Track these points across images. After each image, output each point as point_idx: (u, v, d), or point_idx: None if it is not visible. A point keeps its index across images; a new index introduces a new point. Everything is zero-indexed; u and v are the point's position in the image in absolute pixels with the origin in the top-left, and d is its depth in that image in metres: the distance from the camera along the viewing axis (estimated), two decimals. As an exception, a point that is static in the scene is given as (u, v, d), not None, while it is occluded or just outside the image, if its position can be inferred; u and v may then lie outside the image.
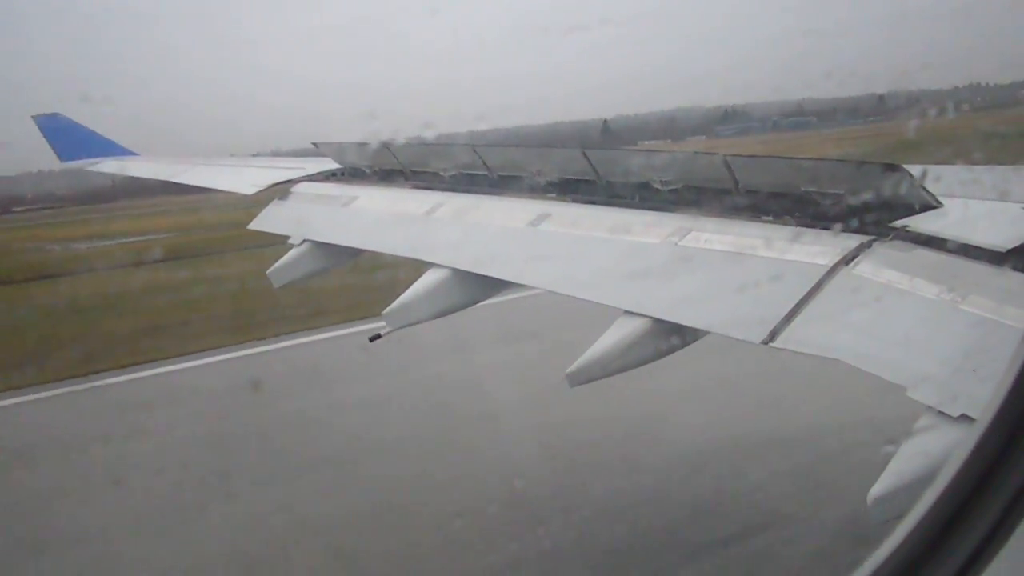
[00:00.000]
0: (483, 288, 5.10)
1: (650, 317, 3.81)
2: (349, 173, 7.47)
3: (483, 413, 9.49)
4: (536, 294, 5.02)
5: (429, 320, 5.15)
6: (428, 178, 6.56)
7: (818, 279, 3.40)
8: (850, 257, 3.46)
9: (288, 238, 6.76)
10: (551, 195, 5.47)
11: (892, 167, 3.71)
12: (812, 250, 3.63)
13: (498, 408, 9.67)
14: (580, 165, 5.24)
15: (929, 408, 2.64)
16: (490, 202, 5.78)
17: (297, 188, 7.53)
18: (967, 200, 3.74)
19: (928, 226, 3.46)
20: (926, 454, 2.50)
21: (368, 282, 9.07)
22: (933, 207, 3.59)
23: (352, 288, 11.23)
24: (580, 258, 4.80)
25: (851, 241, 3.55)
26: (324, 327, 14.38)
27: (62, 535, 7.78)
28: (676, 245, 4.20)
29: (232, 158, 9.98)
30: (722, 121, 41.43)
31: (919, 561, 1.33)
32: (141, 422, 10.75)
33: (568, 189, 5.40)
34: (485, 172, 6.02)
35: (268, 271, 6.60)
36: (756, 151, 4.97)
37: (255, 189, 7.73)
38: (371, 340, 5.27)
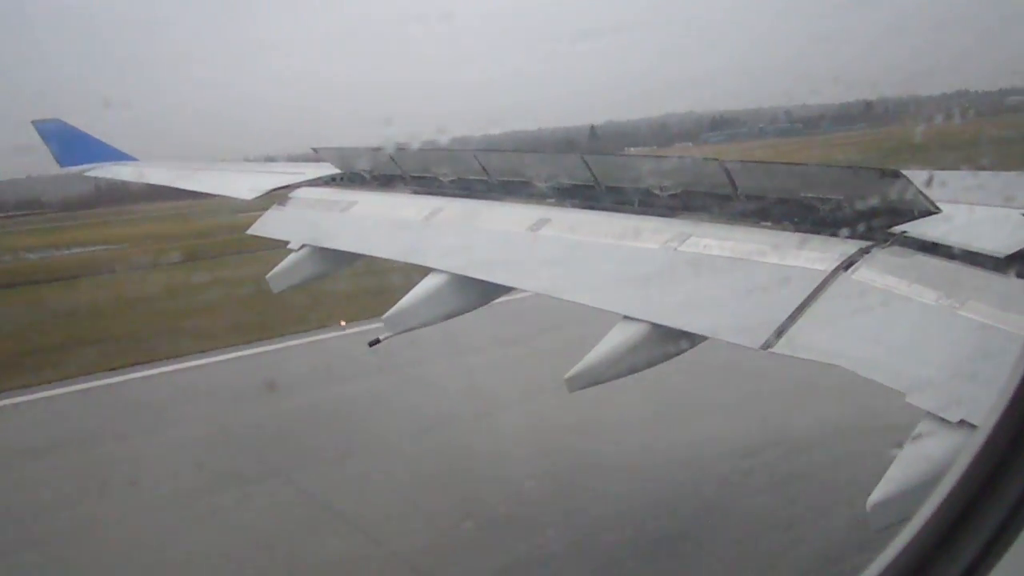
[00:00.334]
0: (482, 293, 5.10)
1: (649, 322, 3.81)
2: (348, 178, 7.47)
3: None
4: (535, 299, 5.01)
5: (428, 325, 5.14)
6: (427, 183, 6.57)
7: (817, 284, 3.40)
8: (849, 263, 3.46)
9: (287, 243, 6.76)
10: (550, 200, 5.47)
11: (891, 173, 3.71)
12: (811, 256, 3.63)
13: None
14: (579, 170, 5.24)
15: (928, 414, 2.64)
16: (489, 207, 5.78)
17: (296, 193, 7.52)
18: (966, 205, 3.74)
19: (927, 232, 3.46)
20: (925, 460, 2.49)
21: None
22: (932, 213, 3.59)
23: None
24: (579, 263, 4.79)
25: (850, 247, 3.55)
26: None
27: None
28: (675, 250, 4.20)
29: (226, 163, 9.98)
30: (710, 128, 41.67)
31: (922, 566, 1.32)
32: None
33: (567, 194, 5.40)
34: (484, 177, 6.02)
35: (267, 276, 6.59)
36: (743, 158, 4.97)
37: (254, 194, 7.72)
38: (370, 345, 5.26)
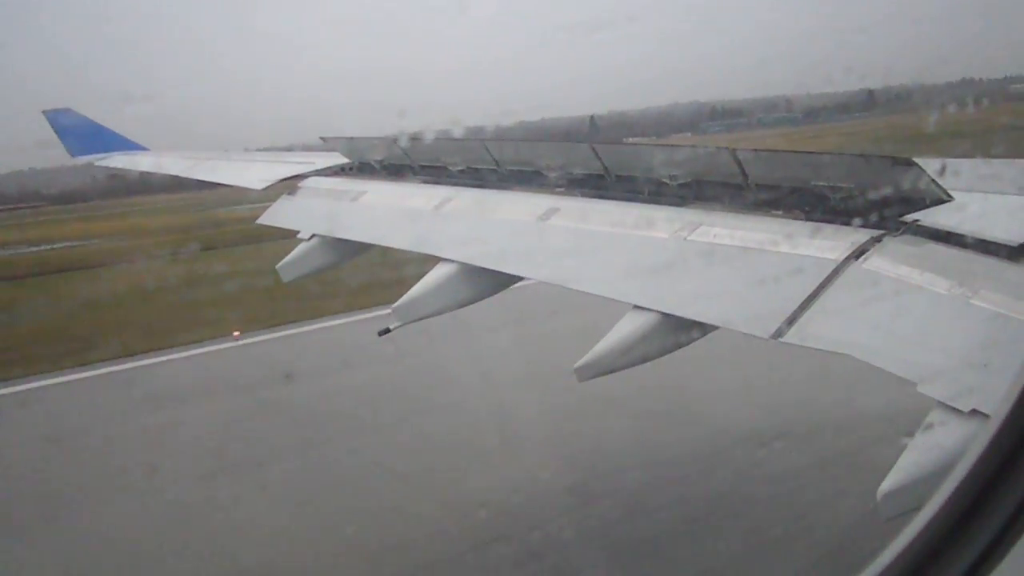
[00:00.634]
0: (492, 283, 5.10)
1: (659, 312, 3.80)
2: (358, 168, 7.48)
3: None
4: (545, 288, 5.01)
5: (438, 315, 5.16)
6: (437, 173, 6.56)
7: (828, 274, 3.39)
8: (860, 252, 3.44)
9: (297, 233, 6.79)
10: (560, 189, 5.46)
11: (903, 161, 3.68)
12: (822, 245, 3.61)
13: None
14: (589, 159, 5.22)
15: (940, 403, 2.63)
16: (499, 196, 5.78)
17: (306, 183, 7.54)
18: (979, 194, 3.71)
19: (939, 220, 3.43)
20: (936, 450, 2.49)
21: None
22: (944, 201, 3.56)
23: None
24: (589, 253, 4.79)
25: (861, 236, 3.53)
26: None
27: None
28: (686, 240, 4.18)
29: (235, 153, 10.00)
30: (710, 118, 41.39)
31: (931, 556, 1.32)
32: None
33: (577, 183, 5.39)
34: (494, 167, 6.01)
35: (277, 266, 6.62)
36: (746, 147, 4.94)
37: (264, 184, 7.74)
38: (380, 334, 5.28)
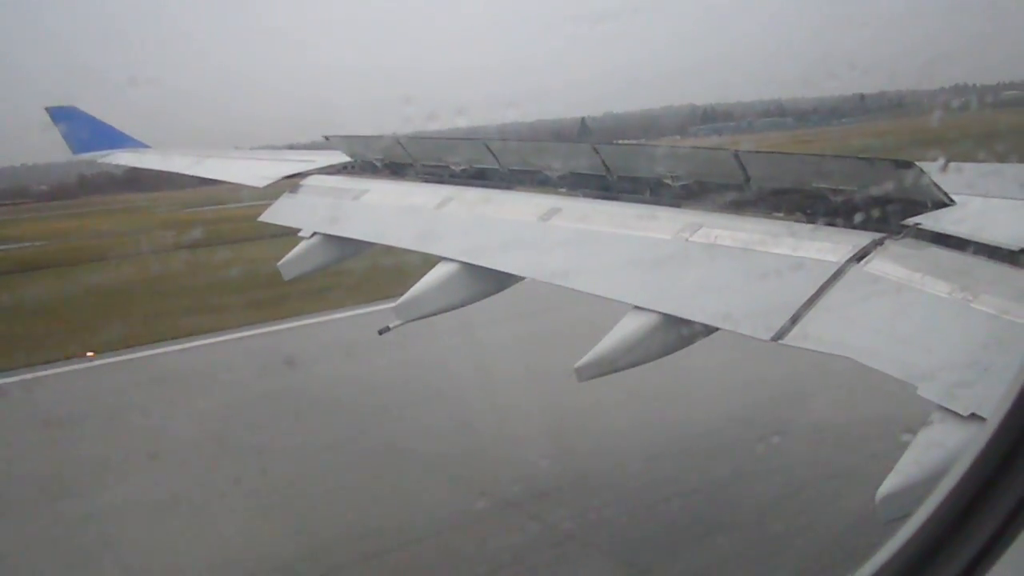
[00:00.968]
0: (493, 282, 5.10)
1: (660, 313, 3.81)
2: (360, 166, 7.49)
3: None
4: (546, 288, 5.01)
5: (438, 313, 5.16)
6: (438, 171, 6.57)
7: (829, 276, 3.39)
8: (861, 254, 3.44)
9: (299, 231, 6.80)
10: (562, 189, 5.46)
11: (905, 164, 3.68)
12: (823, 247, 3.61)
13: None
14: (591, 160, 5.22)
15: (939, 406, 2.63)
16: (500, 196, 5.79)
17: (308, 181, 7.55)
18: (980, 197, 3.71)
19: (940, 224, 3.44)
20: (935, 453, 2.49)
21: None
22: (946, 204, 3.57)
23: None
24: (590, 253, 4.79)
25: (863, 238, 3.53)
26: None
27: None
28: (687, 241, 4.19)
29: (237, 151, 10.02)
30: (701, 121, 41.32)
31: (927, 557, 1.33)
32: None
33: (578, 184, 5.39)
34: (496, 166, 6.01)
35: (278, 264, 6.63)
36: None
37: (266, 182, 7.76)
38: (380, 333, 5.29)
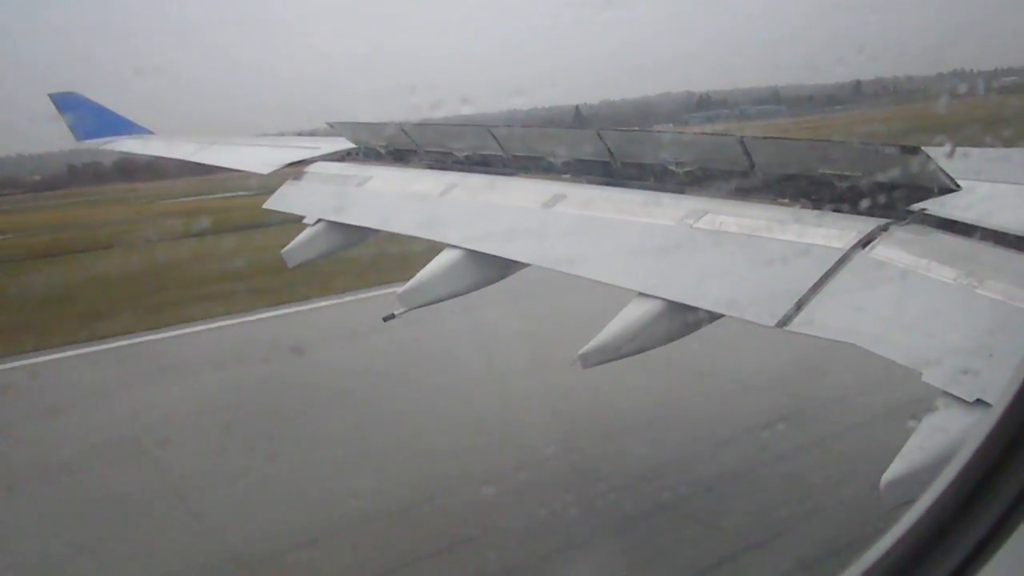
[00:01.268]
0: (497, 269, 5.10)
1: (664, 299, 3.80)
2: (363, 153, 7.48)
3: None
4: (550, 274, 5.02)
5: (443, 300, 5.17)
6: (442, 158, 6.55)
7: (834, 262, 3.38)
8: (867, 240, 3.43)
9: (302, 218, 6.80)
10: (566, 176, 5.44)
11: (911, 149, 3.66)
12: (828, 233, 3.60)
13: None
14: (595, 146, 5.20)
15: (944, 393, 2.63)
16: (504, 183, 5.77)
17: (311, 168, 7.54)
18: (987, 182, 3.69)
19: (946, 209, 3.42)
20: (940, 439, 2.49)
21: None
22: (952, 190, 3.55)
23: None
24: (594, 239, 4.78)
25: (868, 224, 3.52)
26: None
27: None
28: (691, 227, 4.17)
29: (241, 137, 10.00)
30: (697, 108, 41.08)
31: (930, 545, 1.33)
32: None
33: (583, 170, 5.38)
34: (499, 152, 6.00)
35: (282, 251, 6.64)
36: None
37: (270, 169, 7.75)
38: (384, 320, 5.30)
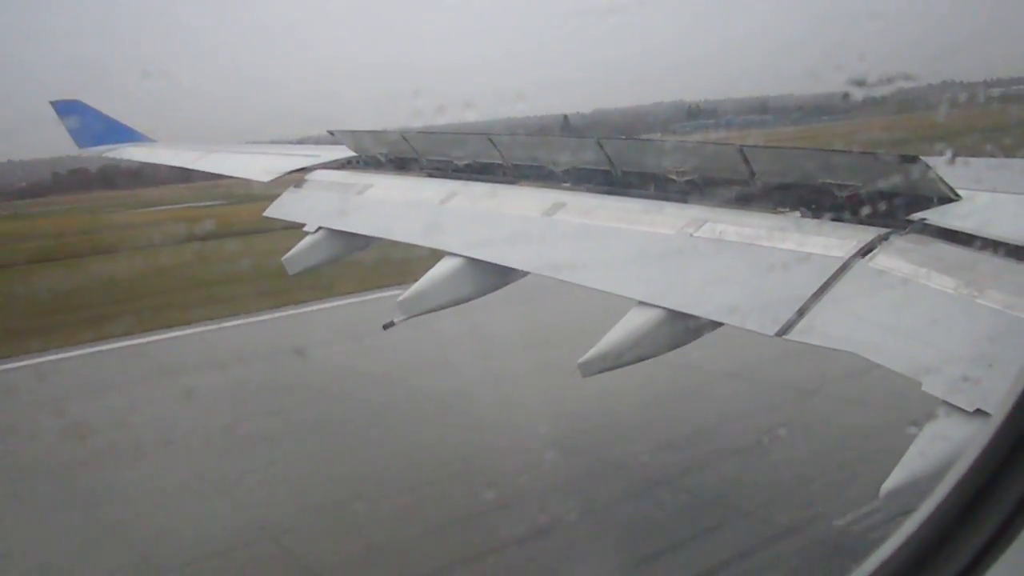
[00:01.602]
0: (497, 277, 5.11)
1: (663, 308, 3.80)
2: (364, 161, 7.49)
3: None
4: (550, 283, 5.02)
5: (442, 308, 5.17)
6: (442, 166, 6.57)
7: (834, 271, 3.38)
8: (867, 249, 3.43)
9: (303, 225, 6.81)
10: (566, 184, 5.45)
11: (910, 159, 3.67)
12: (828, 242, 3.60)
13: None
14: (595, 155, 5.22)
15: (944, 402, 2.63)
16: (505, 191, 5.78)
17: (312, 176, 7.56)
18: (986, 192, 3.70)
19: (946, 219, 3.43)
20: (940, 449, 2.49)
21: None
22: (952, 200, 3.55)
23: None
24: (594, 248, 4.79)
25: (868, 233, 3.52)
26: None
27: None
28: (691, 236, 4.18)
29: (242, 145, 10.02)
30: (687, 117, 41.39)
31: (930, 554, 1.33)
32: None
33: (583, 178, 5.39)
34: (500, 161, 6.01)
35: (283, 258, 6.64)
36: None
37: (271, 176, 7.77)
38: (384, 328, 5.30)
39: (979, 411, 2.48)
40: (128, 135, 11.47)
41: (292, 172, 7.71)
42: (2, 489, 8.47)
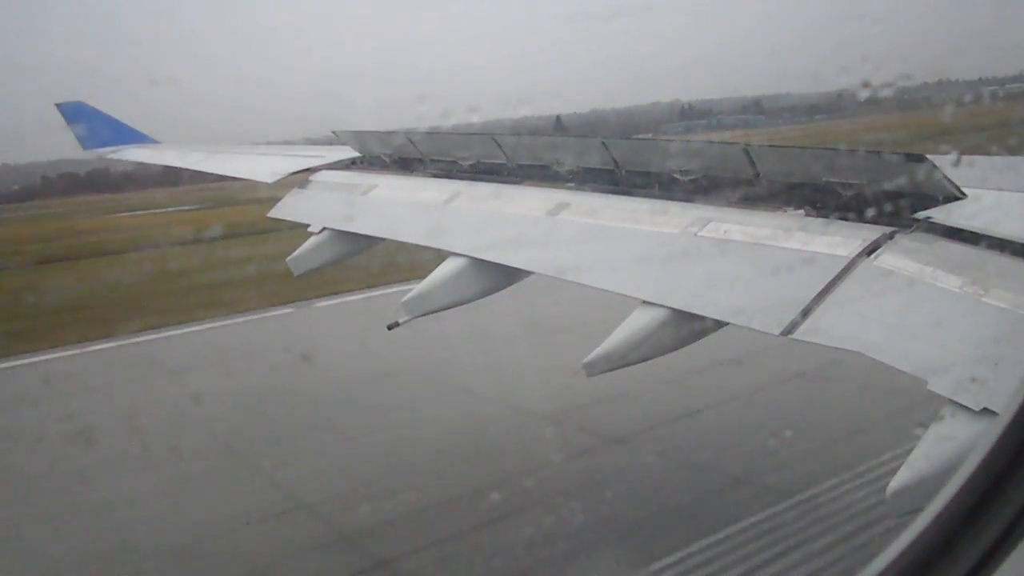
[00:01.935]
0: (502, 277, 5.11)
1: (668, 308, 3.80)
2: (368, 161, 7.50)
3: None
4: (554, 283, 5.02)
5: (447, 308, 5.17)
6: (447, 167, 6.57)
7: (839, 270, 3.37)
8: (872, 248, 3.42)
9: (308, 226, 6.82)
10: (570, 184, 5.45)
11: (916, 157, 3.66)
12: (833, 241, 3.60)
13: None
14: (599, 154, 5.21)
15: (950, 401, 2.62)
16: (509, 191, 5.78)
17: (316, 176, 7.56)
18: (992, 191, 3.68)
19: (951, 218, 3.41)
20: (947, 448, 2.48)
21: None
22: (957, 198, 3.54)
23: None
24: (599, 248, 4.79)
25: (873, 232, 3.51)
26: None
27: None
28: (695, 235, 4.17)
29: (246, 146, 10.04)
30: (680, 118, 41.62)
31: (937, 554, 1.32)
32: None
33: (587, 178, 5.38)
34: (504, 161, 6.01)
35: (288, 259, 6.65)
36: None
37: (275, 177, 7.78)
38: (389, 328, 5.30)
39: (986, 410, 2.48)
40: (133, 137, 11.49)
41: (296, 173, 7.72)
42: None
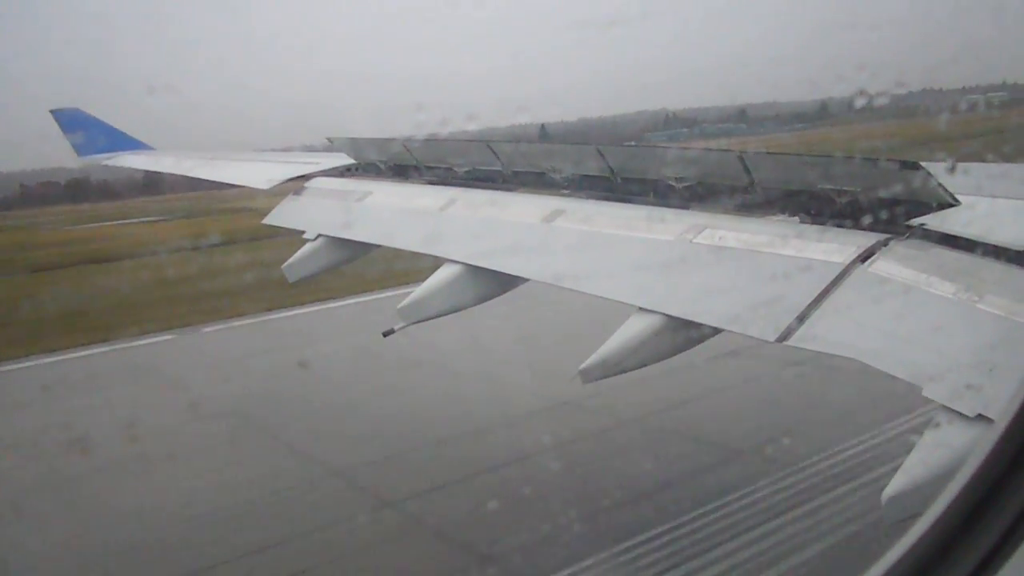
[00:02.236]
0: (497, 284, 5.10)
1: (663, 314, 3.80)
2: (363, 168, 7.50)
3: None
4: (550, 290, 5.01)
5: (442, 315, 5.16)
6: (442, 174, 6.57)
7: (834, 277, 3.38)
8: (866, 255, 3.43)
9: (303, 233, 6.81)
10: (565, 191, 5.46)
11: (910, 165, 3.67)
12: (828, 248, 3.60)
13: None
14: (595, 161, 5.22)
15: (945, 407, 2.62)
16: (504, 198, 5.78)
17: (312, 183, 7.56)
18: (985, 198, 3.69)
19: (946, 224, 3.42)
20: (942, 453, 2.48)
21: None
22: (951, 205, 3.55)
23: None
24: (594, 255, 4.79)
25: (868, 239, 3.52)
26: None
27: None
28: (691, 243, 4.18)
29: (242, 153, 10.02)
30: (664, 126, 42.05)
31: (933, 561, 1.31)
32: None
33: (582, 185, 5.39)
34: (499, 168, 6.01)
35: (283, 266, 6.64)
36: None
37: (271, 184, 7.77)
38: (384, 335, 5.30)
39: (981, 417, 2.47)
40: (128, 144, 11.47)
41: (292, 180, 7.72)
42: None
